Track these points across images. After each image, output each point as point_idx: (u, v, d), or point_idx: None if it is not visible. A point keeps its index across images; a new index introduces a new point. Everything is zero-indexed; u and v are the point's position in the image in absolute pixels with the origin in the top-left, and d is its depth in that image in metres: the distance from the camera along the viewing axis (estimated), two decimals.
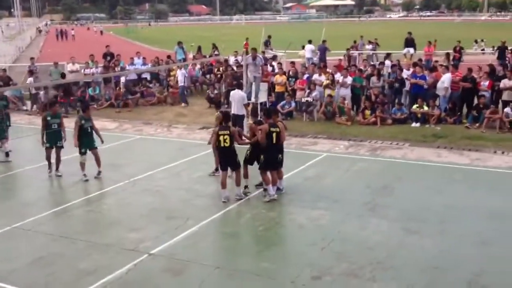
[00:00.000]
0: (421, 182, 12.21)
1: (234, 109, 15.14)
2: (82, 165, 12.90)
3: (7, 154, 14.77)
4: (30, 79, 22.54)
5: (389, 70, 20.56)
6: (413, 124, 17.43)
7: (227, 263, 8.61)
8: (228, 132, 11.08)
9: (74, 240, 9.42)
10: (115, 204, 11.36)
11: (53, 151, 13.18)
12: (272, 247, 9.18)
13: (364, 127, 17.51)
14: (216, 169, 12.28)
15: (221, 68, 24.04)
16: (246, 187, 11.48)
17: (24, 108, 22.59)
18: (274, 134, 11.07)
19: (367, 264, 8.19)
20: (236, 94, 15.33)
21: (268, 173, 11.12)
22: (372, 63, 23.89)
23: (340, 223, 9.93)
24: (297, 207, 10.74)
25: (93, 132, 13.14)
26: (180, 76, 22.59)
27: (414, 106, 17.83)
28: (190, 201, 11.22)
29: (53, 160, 13.21)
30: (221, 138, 11.04)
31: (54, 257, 8.80)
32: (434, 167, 13.34)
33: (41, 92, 21.94)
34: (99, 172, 13.05)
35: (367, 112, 18.03)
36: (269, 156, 11.11)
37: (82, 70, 24.18)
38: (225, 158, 11.18)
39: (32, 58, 27.23)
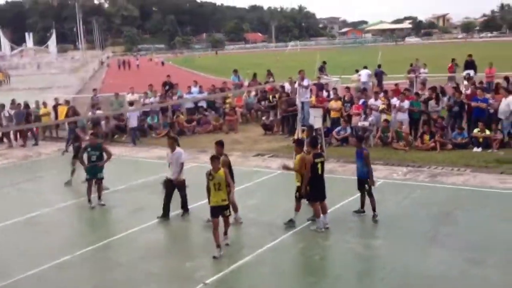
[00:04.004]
0: (485, 210, 11.69)
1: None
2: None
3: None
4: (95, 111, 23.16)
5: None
6: (475, 149, 16.79)
7: None
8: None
9: (131, 269, 9.54)
10: (171, 233, 11.47)
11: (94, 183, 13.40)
12: (329, 277, 8.97)
13: (423, 152, 17.01)
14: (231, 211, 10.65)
15: (276, 95, 24.11)
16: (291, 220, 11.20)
17: (87, 138, 23.35)
18: (319, 165, 10.87)
19: None
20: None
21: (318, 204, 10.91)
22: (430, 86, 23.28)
23: (400, 252, 9.60)
24: (354, 236, 10.49)
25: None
26: (132, 118, 21.85)
27: (475, 130, 17.19)
28: (244, 230, 11.17)
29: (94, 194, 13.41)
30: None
31: (112, 284, 8.93)
32: (498, 194, 12.74)
33: (102, 122, 22.68)
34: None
35: (426, 137, 17.54)
36: (316, 187, 10.88)
37: (141, 100, 24.87)
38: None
39: (94, 90, 28.28)
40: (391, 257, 9.40)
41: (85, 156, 13.54)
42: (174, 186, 12.18)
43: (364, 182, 11.35)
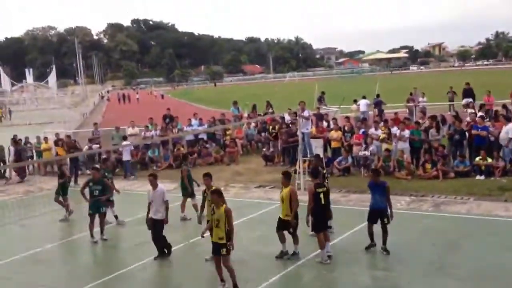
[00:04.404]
0: (490, 238, 11.59)
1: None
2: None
3: (116, 217, 14.85)
4: (92, 145, 23.18)
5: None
6: (477, 177, 16.76)
7: None
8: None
9: None
10: (175, 267, 11.33)
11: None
12: None
13: (425, 181, 16.97)
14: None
15: (276, 126, 24.15)
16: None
17: (88, 172, 23.34)
18: (321, 194, 10.85)
19: None
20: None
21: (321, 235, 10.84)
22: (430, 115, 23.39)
23: (406, 284, 9.49)
24: (360, 267, 10.38)
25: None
26: (125, 151, 21.97)
27: (477, 159, 17.20)
28: (249, 263, 11.04)
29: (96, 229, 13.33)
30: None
31: None
32: (502, 222, 12.68)
33: (103, 156, 22.66)
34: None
35: (428, 165, 17.54)
36: (319, 216, 10.83)
37: (142, 133, 24.95)
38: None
39: (95, 124, 28.37)
40: None
41: (87, 191, 13.51)
42: (154, 224, 11.50)
43: (384, 215, 10.96)
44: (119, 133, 24.58)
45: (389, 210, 10.95)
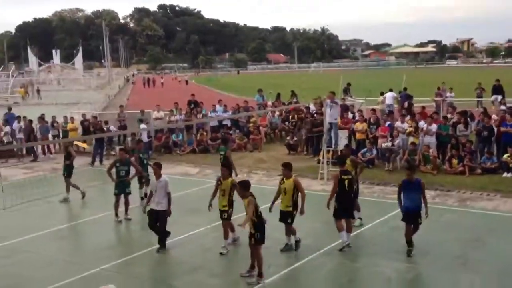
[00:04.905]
0: None
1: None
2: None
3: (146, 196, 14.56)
4: (143, 126, 23.24)
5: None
6: (505, 174, 16.50)
7: None
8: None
9: (158, 284, 9.51)
10: (196, 249, 11.41)
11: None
12: None
13: (451, 176, 16.77)
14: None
15: (296, 116, 24.03)
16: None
17: (112, 153, 23.58)
18: (346, 182, 10.86)
19: None
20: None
21: (343, 221, 10.87)
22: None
23: (430, 277, 9.44)
24: (383, 258, 10.32)
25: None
26: (143, 134, 21.59)
27: (505, 156, 16.93)
28: (271, 249, 11.04)
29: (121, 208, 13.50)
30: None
31: None
32: None
33: (128, 138, 22.91)
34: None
35: (454, 160, 17.32)
36: (342, 203, 10.85)
37: (167, 117, 25.10)
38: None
39: (121, 106, 28.60)
40: (421, 282, 9.26)
41: (113, 171, 13.67)
42: (157, 217, 11.19)
43: (418, 215, 10.42)
44: (144, 116, 24.76)
45: (424, 208, 10.52)
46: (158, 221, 11.17)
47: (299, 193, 10.71)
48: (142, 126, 22.66)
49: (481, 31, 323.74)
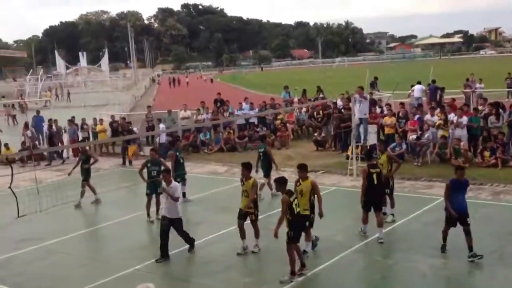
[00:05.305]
0: None
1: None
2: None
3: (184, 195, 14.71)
4: (162, 126, 23.56)
5: None
6: None
7: None
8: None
9: (191, 284, 9.57)
10: (228, 248, 11.43)
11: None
12: None
13: (483, 169, 16.46)
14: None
15: (321, 112, 23.84)
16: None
17: (141, 153, 23.82)
18: (374, 175, 10.88)
19: None
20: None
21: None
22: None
23: (465, 272, 9.29)
24: (417, 254, 10.19)
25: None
26: (162, 134, 22.28)
27: None
28: (303, 246, 11.02)
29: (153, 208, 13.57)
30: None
31: None
32: None
33: (156, 139, 23.14)
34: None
35: (486, 153, 17.00)
36: (370, 197, 10.90)
37: (194, 117, 25.24)
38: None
39: (149, 107, 28.87)
40: (457, 278, 9.11)
41: (145, 171, 13.81)
42: (170, 224, 10.94)
43: (467, 215, 9.81)
44: (171, 116, 24.95)
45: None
46: (174, 228, 10.95)
47: (315, 195, 10.48)
48: (161, 126, 22.81)
49: (509, 19, 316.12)
